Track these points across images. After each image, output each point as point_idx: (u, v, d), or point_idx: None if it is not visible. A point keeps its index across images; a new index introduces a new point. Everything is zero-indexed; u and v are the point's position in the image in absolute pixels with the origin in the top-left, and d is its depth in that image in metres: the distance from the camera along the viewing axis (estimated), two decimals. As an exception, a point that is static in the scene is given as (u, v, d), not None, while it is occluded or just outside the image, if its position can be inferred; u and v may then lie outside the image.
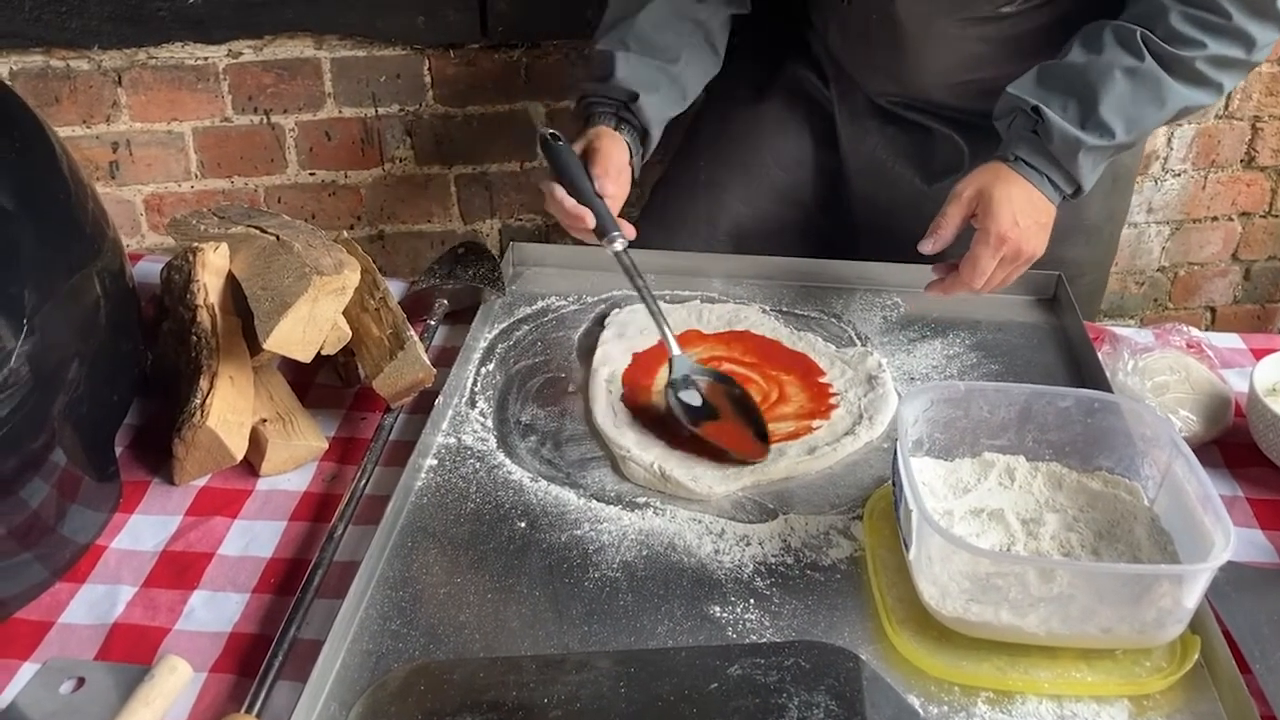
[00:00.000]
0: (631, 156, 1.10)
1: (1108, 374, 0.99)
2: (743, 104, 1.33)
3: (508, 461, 0.92)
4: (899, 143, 1.26)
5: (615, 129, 1.10)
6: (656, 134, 1.13)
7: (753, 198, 1.31)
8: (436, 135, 1.66)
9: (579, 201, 1.01)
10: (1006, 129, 1.06)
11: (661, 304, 1.11)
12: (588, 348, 1.06)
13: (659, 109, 1.12)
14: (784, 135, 1.31)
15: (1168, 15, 1.00)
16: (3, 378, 0.72)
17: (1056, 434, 0.86)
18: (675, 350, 0.99)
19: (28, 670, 0.74)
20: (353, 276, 0.91)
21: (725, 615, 0.78)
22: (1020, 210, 1.00)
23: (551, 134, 1.06)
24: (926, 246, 1.03)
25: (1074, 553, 0.79)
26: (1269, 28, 1.01)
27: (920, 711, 0.70)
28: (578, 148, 1.07)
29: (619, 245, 1.00)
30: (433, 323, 1.08)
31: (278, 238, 0.97)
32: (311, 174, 1.67)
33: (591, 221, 1.00)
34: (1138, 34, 1.00)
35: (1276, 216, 1.95)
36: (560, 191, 1.02)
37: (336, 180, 1.68)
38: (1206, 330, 1.22)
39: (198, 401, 0.87)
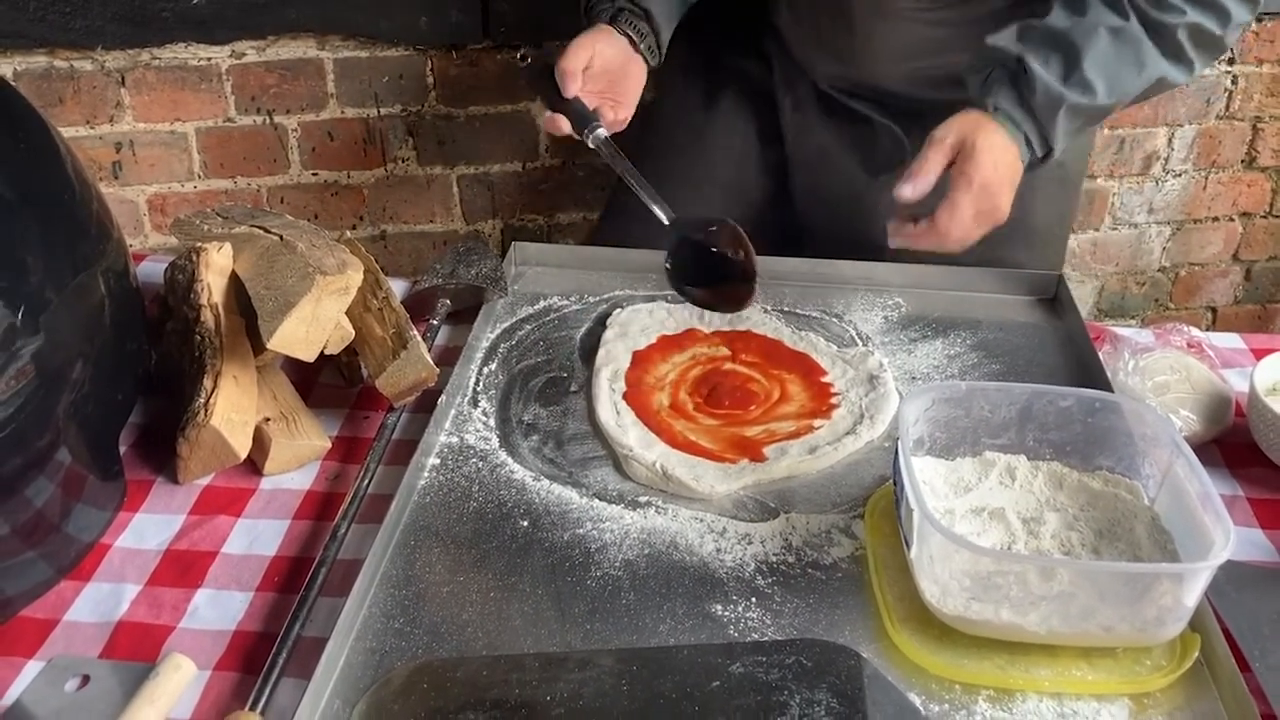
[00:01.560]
0: (635, 44, 1.11)
1: (1108, 374, 0.99)
2: (689, 110, 1.31)
3: (510, 461, 0.92)
4: (842, 134, 1.24)
5: (610, 23, 1.11)
6: (660, 14, 1.12)
7: (703, 203, 1.26)
8: (439, 135, 1.66)
9: (553, 110, 1.05)
10: (983, 82, 1.04)
11: (661, 303, 1.12)
12: (590, 347, 1.06)
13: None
14: (730, 135, 1.29)
15: None
16: (9, 377, 0.72)
17: (1057, 433, 0.86)
18: (665, 220, 1.01)
19: (33, 668, 0.74)
20: (356, 276, 0.91)
21: (727, 614, 0.78)
22: (999, 160, 0.99)
23: (521, 55, 1.10)
24: (906, 190, 1.00)
25: (1074, 552, 0.80)
26: (1243, 6, 1.03)
27: (921, 709, 0.71)
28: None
29: (601, 134, 1.03)
30: (435, 322, 1.08)
31: (281, 238, 0.97)
32: (314, 174, 1.67)
33: (566, 127, 1.04)
34: None
35: (1277, 217, 1.96)
36: (547, 113, 1.06)
37: (339, 180, 1.68)
38: (1207, 330, 1.23)
39: (201, 401, 0.87)
